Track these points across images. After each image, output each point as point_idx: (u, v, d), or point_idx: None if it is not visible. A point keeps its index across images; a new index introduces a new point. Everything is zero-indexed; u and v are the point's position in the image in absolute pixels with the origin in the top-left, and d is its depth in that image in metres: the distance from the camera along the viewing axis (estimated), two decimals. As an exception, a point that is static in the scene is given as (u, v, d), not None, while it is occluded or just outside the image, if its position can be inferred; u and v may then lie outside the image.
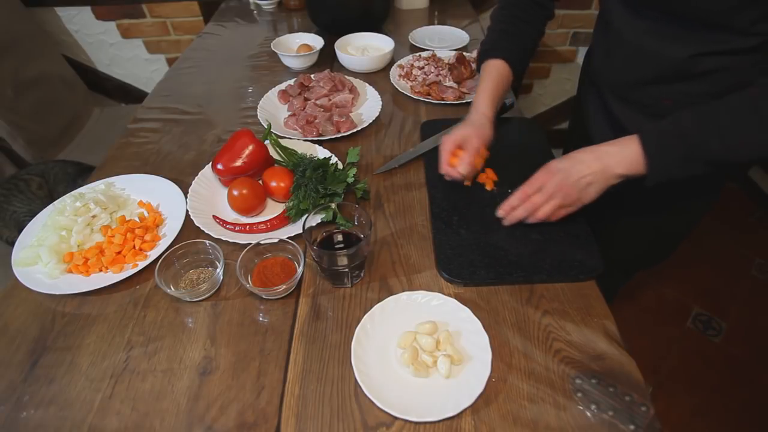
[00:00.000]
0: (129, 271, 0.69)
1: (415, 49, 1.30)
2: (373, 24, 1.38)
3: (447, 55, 1.22)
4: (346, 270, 0.65)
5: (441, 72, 1.13)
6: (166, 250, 0.71)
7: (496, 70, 0.85)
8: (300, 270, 0.66)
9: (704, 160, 0.62)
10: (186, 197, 0.80)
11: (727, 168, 0.66)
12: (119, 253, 0.71)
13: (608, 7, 0.78)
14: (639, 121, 0.78)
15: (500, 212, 0.72)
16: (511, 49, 0.86)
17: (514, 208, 0.70)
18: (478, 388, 0.54)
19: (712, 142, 0.60)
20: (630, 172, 0.64)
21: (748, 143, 0.60)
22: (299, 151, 0.86)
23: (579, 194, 0.67)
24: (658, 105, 0.75)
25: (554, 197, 0.67)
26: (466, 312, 0.61)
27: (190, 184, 0.83)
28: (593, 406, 0.53)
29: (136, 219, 0.77)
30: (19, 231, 0.76)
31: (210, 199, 0.82)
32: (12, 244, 0.83)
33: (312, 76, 1.10)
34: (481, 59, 0.88)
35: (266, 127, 0.89)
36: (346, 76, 1.11)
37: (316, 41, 1.26)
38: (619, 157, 0.64)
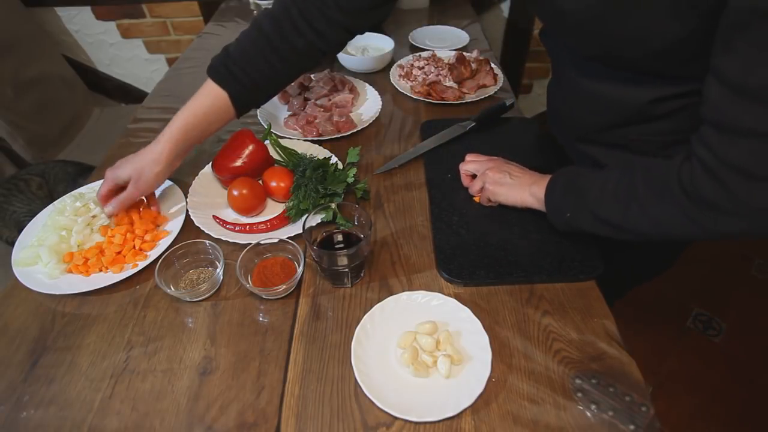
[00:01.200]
0: (129, 271, 0.69)
1: (415, 49, 1.30)
2: (373, 24, 1.38)
3: (447, 55, 1.22)
4: (346, 270, 0.65)
5: (441, 72, 1.13)
6: (166, 250, 0.72)
7: (211, 100, 0.74)
8: (300, 270, 0.66)
9: (594, 217, 0.61)
10: (186, 197, 0.80)
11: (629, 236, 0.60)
12: (119, 253, 0.71)
13: (558, 59, 0.74)
14: (609, 155, 0.73)
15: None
16: (250, 79, 0.74)
17: (467, 162, 0.81)
18: (478, 388, 0.54)
19: (589, 204, 0.61)
20: (539, 197, 0.68)
21: (614, 218, 0.58)
22: (299, 151, 0.86)
23: (498, 185, 0.73)
24: (630, 145, 0.70)
25: (486, 171, 0.75)
26: (466, 312, 0.61)
27: (190, 184, 0.83)
28: (593, 406, 0.53)
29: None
30: (19, 231, 0.76)
31: (210, 199, 0.82)
32: (12, 244, 0.83)
33: (312, 76, 1.10)
34: (210, 71, 0.75)
35: (266, 127, 0.89)
36: (346, 76, 1.11)
37: (316, 41, 1.26)
38: (540, 180, 0.69)
